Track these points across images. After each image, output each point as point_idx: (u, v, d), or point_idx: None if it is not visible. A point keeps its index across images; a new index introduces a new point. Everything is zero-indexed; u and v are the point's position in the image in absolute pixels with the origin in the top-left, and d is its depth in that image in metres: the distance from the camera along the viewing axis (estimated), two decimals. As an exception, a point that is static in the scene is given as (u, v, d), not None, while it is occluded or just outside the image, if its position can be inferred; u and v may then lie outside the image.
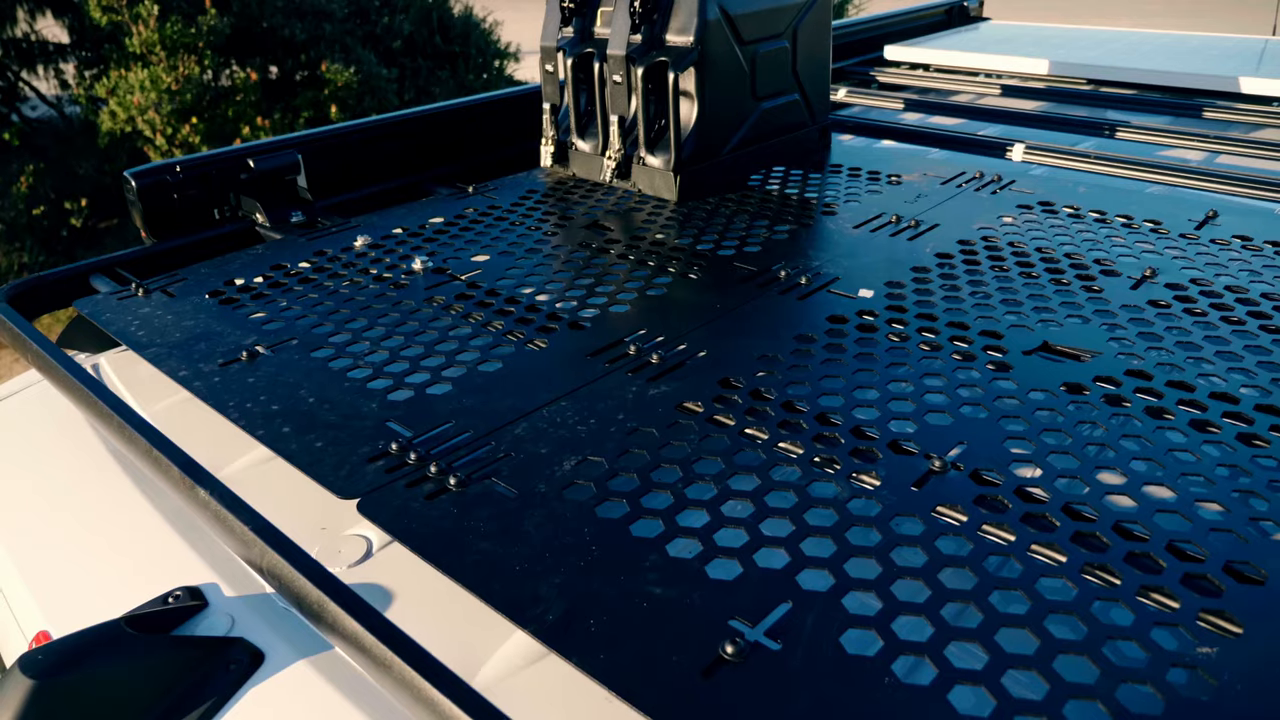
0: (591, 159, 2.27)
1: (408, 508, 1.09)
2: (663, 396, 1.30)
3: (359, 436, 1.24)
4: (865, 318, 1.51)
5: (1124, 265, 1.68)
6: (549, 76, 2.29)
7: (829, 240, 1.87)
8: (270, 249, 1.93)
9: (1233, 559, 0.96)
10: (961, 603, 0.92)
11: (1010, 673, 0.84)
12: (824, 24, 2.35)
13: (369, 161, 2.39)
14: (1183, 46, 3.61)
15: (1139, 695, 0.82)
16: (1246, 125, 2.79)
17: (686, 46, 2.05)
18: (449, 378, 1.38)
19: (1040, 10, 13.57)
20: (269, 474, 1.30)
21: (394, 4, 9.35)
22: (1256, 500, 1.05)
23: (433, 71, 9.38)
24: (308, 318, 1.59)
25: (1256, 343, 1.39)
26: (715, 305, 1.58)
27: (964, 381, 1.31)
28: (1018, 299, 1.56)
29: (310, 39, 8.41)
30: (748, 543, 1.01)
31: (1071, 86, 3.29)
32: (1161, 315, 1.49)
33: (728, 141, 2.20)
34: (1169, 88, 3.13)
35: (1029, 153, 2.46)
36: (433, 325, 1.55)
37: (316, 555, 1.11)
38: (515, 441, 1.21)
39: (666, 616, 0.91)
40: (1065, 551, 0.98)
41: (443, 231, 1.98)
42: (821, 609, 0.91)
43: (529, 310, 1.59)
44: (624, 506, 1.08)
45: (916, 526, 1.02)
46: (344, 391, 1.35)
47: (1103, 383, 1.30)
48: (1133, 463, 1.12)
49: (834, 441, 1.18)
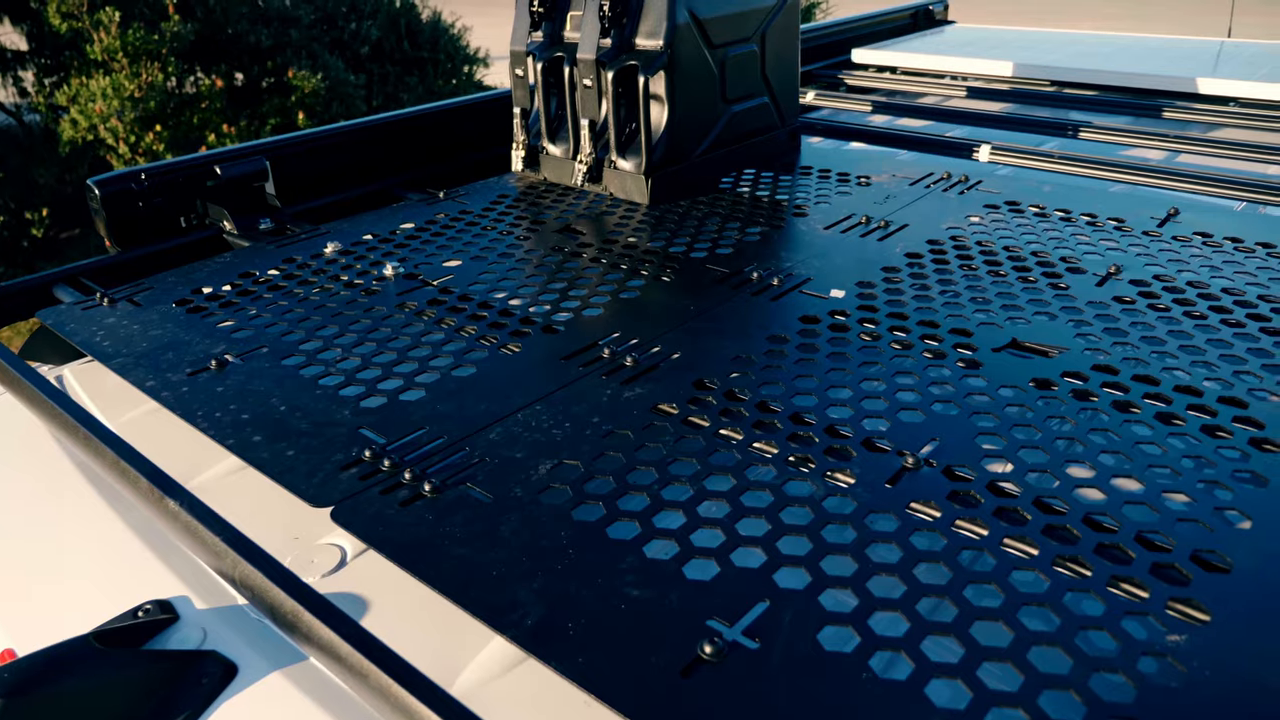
0: (563, 163, 2.27)
1: (382, 515, 1.08)
2: (637, 399, 1.30)
3: (332, 444, 1.23)
4: (837, 318, 1.52)
5: (1089, 263, 1.70)
6: (519, 81, 2.29)
7: (800, 241, 1.88)
8: (238, 256, 1.91)
9: (1199, 548, 0.97)
10: (936, 597, 0.93)
11: (985, 665, 0.85)
12: (792, 27, 2.37)
13: (338, 167, 2.37)
14: (1142, 48, 3.67)
15: (1111, 684, 0.83)
16: (1205, 125, 2.84)
17: (656, 50, 2.06)
18: (422, 383, 1.37)
19: (1004, 14, 13.76)
20: (240, 484, 1.28)
21: (361, 10, 9.30)
22: (1221, 490, 1.07)
23: (401, 77, 9.33)
24: (277, 325, 1.58)
25: (1219, 336, 1.41)
26: (689, 307, 1.58)
27: (935, 379, 1.32)
28: (986, 297, 1.58)
29: (276, 45, 8.34)
30: (724, 543, 1.01)
31: (1036, 88, 3.33)
32: (1126, 311, 1.51)
33: (698, 144, 2.20)
34: (1130, 89, 3.18)
35: (995, 153, 2.49)
36: (405, 331, 1.54)
37: (290, 565, 1.10)
38: (490, 446, 1.21)
39: (644, 618, 0.91)
40: (1037, 544, 0.99)
41: (414, 237, 1.97)
42: (799, 607, 0.92)
43: (502, 315, 1.58)
44: (600, 509, 1.07)
45: (891, 523, 1.03)
46: (316, 399, 1.34)
47: (1071, 378, 1.31)
48: (1101, 456, 1.13)
49: (808, 441, 1.19)
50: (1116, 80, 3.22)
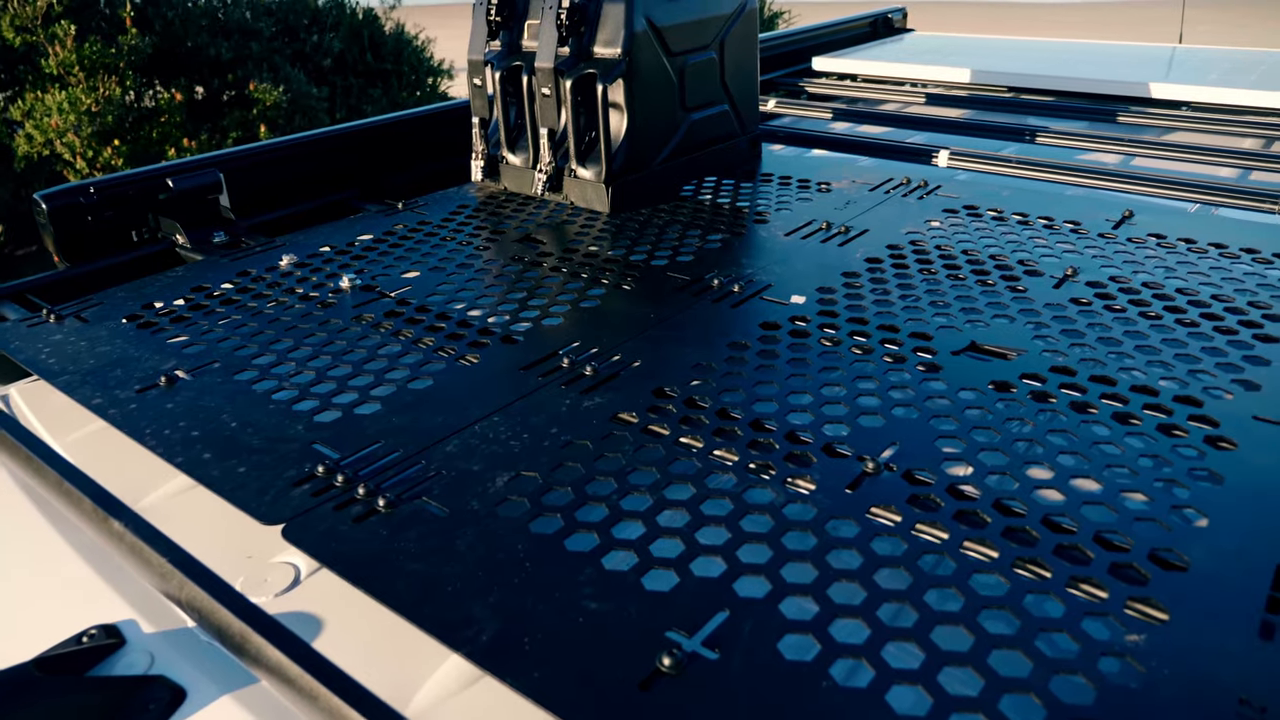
0: (523, 172, 2.25)
1: (335, 531, 1.06)
2: (597, 408, 1.29)
3: (284, 460, 1.20)
4: (798, 323, 1.52)
5: (1046, 265, 1.72)
6: (477, 90, 2.27)
7: (761, 248, 1.88)
8: (191, 270, 1.88)
9: (1157, 547, 0.98)
10: (897, 603, 0.92)
11: (946, 670, 0.85)
12: (751, 35, 2.37)
13: (295, 179, 2.34)
14: (1098, 54, 3.73)
15: (1071, 686, 0.82)
16: (1158, 129, 2.88)
17: (614, 58, 2.05)
18: (378, 396, 1.35)
19: (962, 22, 13.95)
20: (191, 503, 1.25)
21: (323, 22, 9.23)
22: (1178, 489, 1.07)
23: (364, 89, 9.27)
24: (230, 340, 1.55)
25: (1173, 336, 1.43)
26: (649, 315, 1.57)
27: (895, 383, 1.32)
28: (946, 301, 1.58)
29: (237, 58, 8.25)
30: (684, 552, 1.00)
31: (993, 94, 3.37)
32: (1083, 313, 1.52)
33: (659, 152, 2.20)
34: (1086, 94, 3.23)
35: (954, 159, 2.51)
36: (361, 344, 1.51)
37: (241, 585, 1.08)
38: (447, 459, 1.19)
39: (602, 631, 0.90)
40: (997, 547, 0.99)
41: (372, 249, 1.94)
42: (759, 616, 0.91)
43: (460, 325, 1.56)
44: (558, 521, 1.06)
45: (852, 529, 1.02)
46: (268, 414, 1.31)
47: (1029, 380, 1.32)
48: (1059, 457, 1.14)
49: (768, 447, 1.18)
50: (1073, 86, 3.26)
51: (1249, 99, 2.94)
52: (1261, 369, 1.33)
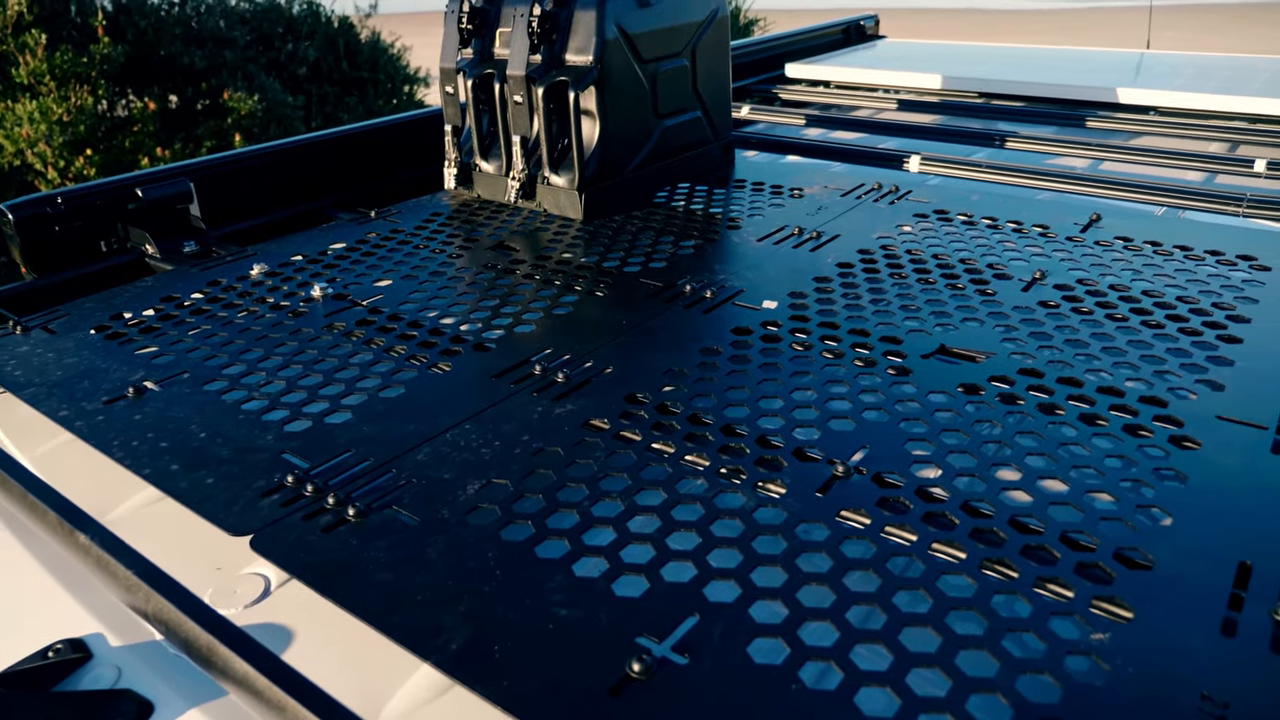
0: (495, 180, 2.25)
1: (304, 541, 1.05)
2: (569, 415, 1.29)
3: (253, 470, 1.19)
4: (769, 328, 1.53)
5: (1015, 269, 1.73)
6: (450, 98, 2.27)
7: (733, 254, 1.89)
8: (161, 281, 1.86)
9: (1122, 546, 0.99)
10: (867, 605, 0.93)
11: (915, 671, 0.85)
12: (723, 42, 2.39)
13: (267, 188, 2.33)
14: (1066, 60, 3.77)
15: (1038, 685, 0.83)
16: (1126, 133, 2.92)
17: (586, 66, 2.06)
18: (349, 405, 1.34)
19: (932, 29, 14.07)
20: (159, 515, 1.24)
21: (298, 30, 9.20)
22: (1144, 489, 1.09)
23: (340, 98, 9.24)
24: (200, 350, 1.54)
25: (1139, 338, 1.45)
26: (621, 322, 1.58)
27: (866, 387, 1.33)
28: (916, 305, 1.60)
29: (211, 67, 8.20)
30: (654, 558, 1.00)
31: (964, 100, 3.40)
32: (1051, 315, 1.54)
33: (631, 159, 2.20)
34: (1054, 99, 3.27)
35: (925, 164, 2.53)
36: (332, 353, 1.51)
37: (210, 597, 1.07)
38: (417, 468, 1.18)
39: (572, 638, 0.89)
40: (965, 548, 0.99)
41: (344, 257, 1.94)
42: (729, 620, 0.91)
43: (432, 334, 1.56)
44: (529, 528, 1.06)
45: (822, 532, 1.03)
46: (238, 424, 1.30)
47: (997, 382, 1.33)
48: (1027, 458, 1.15)
49: (739, 452, 1.18)
50: (1042, 91, 3.30)
51: (1215, 104, 2.98)
52: (1225, 369, 1.35)
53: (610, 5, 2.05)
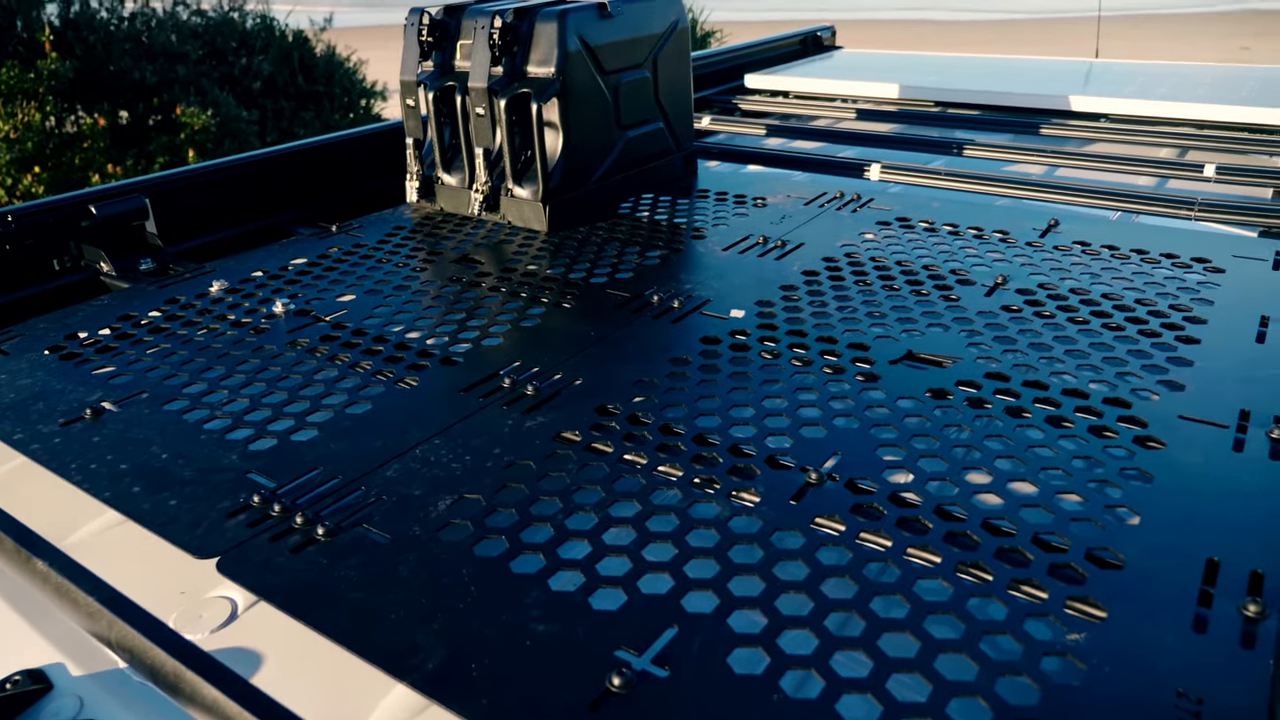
0: (458, 193, 2.24)
1: (272, 563, 1.03)
2: (540, 428, 1.28)
3: (218, 491, 1.17)
4: (738, 337, 1.53)
5: (978, 274, 1.76)
6: (410, 111, 2.26)
7: (699, 263, 1.89)
8: (117, 299, 1.82)
9: (1093, 546, 1.00)
10: (844, 612, 0.93)
11: (895, 677, 0.85)
12: (683, 53, 2.40)
13: (225, 204, 2.29)
14: (1019, 69, 3.84)
15: (1016, 687, 0.84)
16: (1079, 140, 2.98)
17: (548, 77, 2.05)
18: (315, 423, 1.32)
19: (887, 40, 14.28)
20: (120, 539, 1.21)
21: (252, 45, 9.10)
22: (1111, 489, 1.10)
23: (296, 112, 9.15)
24: (159, 369, 1.50)
25: (1101, 340, 1.47)
26: (590, 333, 1.57)
27: (835, 394, 1.33)
28: (882, 311, 1.61)
29: (162, 82, 8.08)
30: (631, 570, 0.99)
31: (921, 109, 3.45)
32: (1014, 319, 1.56)
33: (595, 170, 2.20)
34: (1010, 107, 3.32)
35: (885, 172, 2.56)
36: (296, 369, 1.48)
37: (175, 622, 1.04)
38: (387, 484, 1.16)
39: (550, 653, 0.88)
40: (939, 552, 1.00)
41: (305, 272, 1.91)
42: (708, 631, 0.91)
43: (398, 348, 1.54)
44: (503, 543, 1.04)
45: (797, 540, 1.03)
46: (200, 444, 1.27)
47: (965, 386, 1.34)
48: (997, 461, 1.16)
49: (712, 461, 1.18)
50: (997, 100, 3.36)
51: (1163, 110, 3.06)
52: (1185, 369, 1.37)
53: (572, 17, 2.05)
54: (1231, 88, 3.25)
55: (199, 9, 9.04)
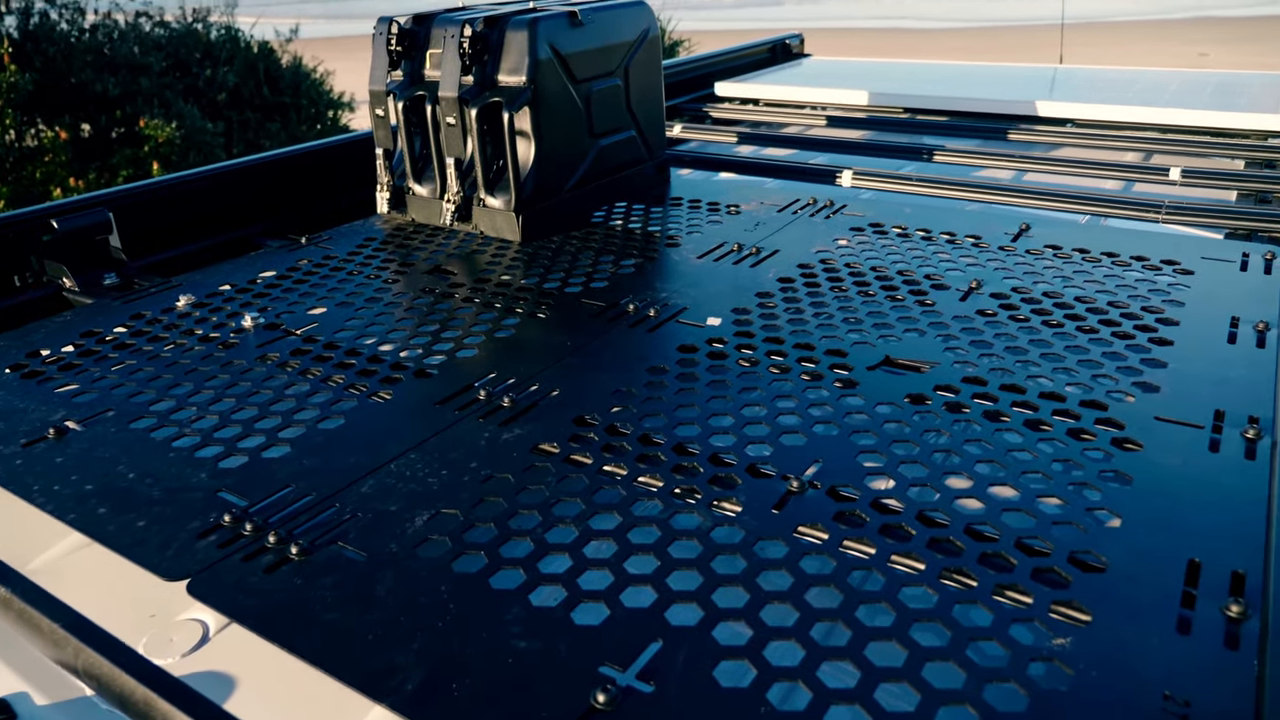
0: (430, 203, 2.22)
1: (244, 583, 1.00)
2: (517, 440, 1.26)
3: (187, 511, 1.14)
4: (715, 345, 1.52)
5: (952, 279, 1.76)
6: (380, 121, 2.23)
7: (674, 272, 1.88)
8: (80, 315, 1.78)
9: (1075, 549, 1.00)
10: (829, 621, 0.92)
11: (882, 686, 0.84)
12: (654, 61, 2.39)
13: (191, 217, 2.25)
14: (986, 75, 3.88)
15: (1004, 694, 0.83)
16: (1047, 145, 3.01)
17: (520, 86, 2.04)
18: (287, 439, 1.29)
19: (854, 47, 14.41)
20: (86, 563, 1.17)
21: (216, 56, 9.00)
22: (1090, 491, 1.10)
23: (262, 123, 9.06)
24: (125, 386, 1.47)
25: (1075, 343, 1.48)
26: (565, 343, 1.55)
27: (814, 401, 1.33)
28: (858, 317, 1.61)
29: (125, 94, 7.97)
30: (613, 583, 0.98)
31: (891, 115, 3.47)
32: (990, 323, 1.56)
33: (567, 179, 2.19)
34: (978, 113, 3.35)
35: (857, 178, 2.57)
36: (267, 385, 1.45)
37: (144, 647, 1.01)
38: (362, 501, 1.14)
39: (533, 670, 0.87)
40: (923, 559, 0.99)
41: (275, 286, 1.88)
42: (692, 644, 0.89)
43: (371, 361, 1.52)
44: (482, 559, 1.03)
45: (780, 549, 1.02)
46: (169, 463, 1.24)
47: (943, 391, 1.34)
48: (977, 466, 1.16)
49: (693, 471, 1.17)
50: (966, 106, 3.38)
51: (1128, 115, 3.09)
52: (1159, 371, 1.38)
53: (543, 25, 2.04)
54: (1193, 92, 3.30)
55: (162, 20, 8.94)
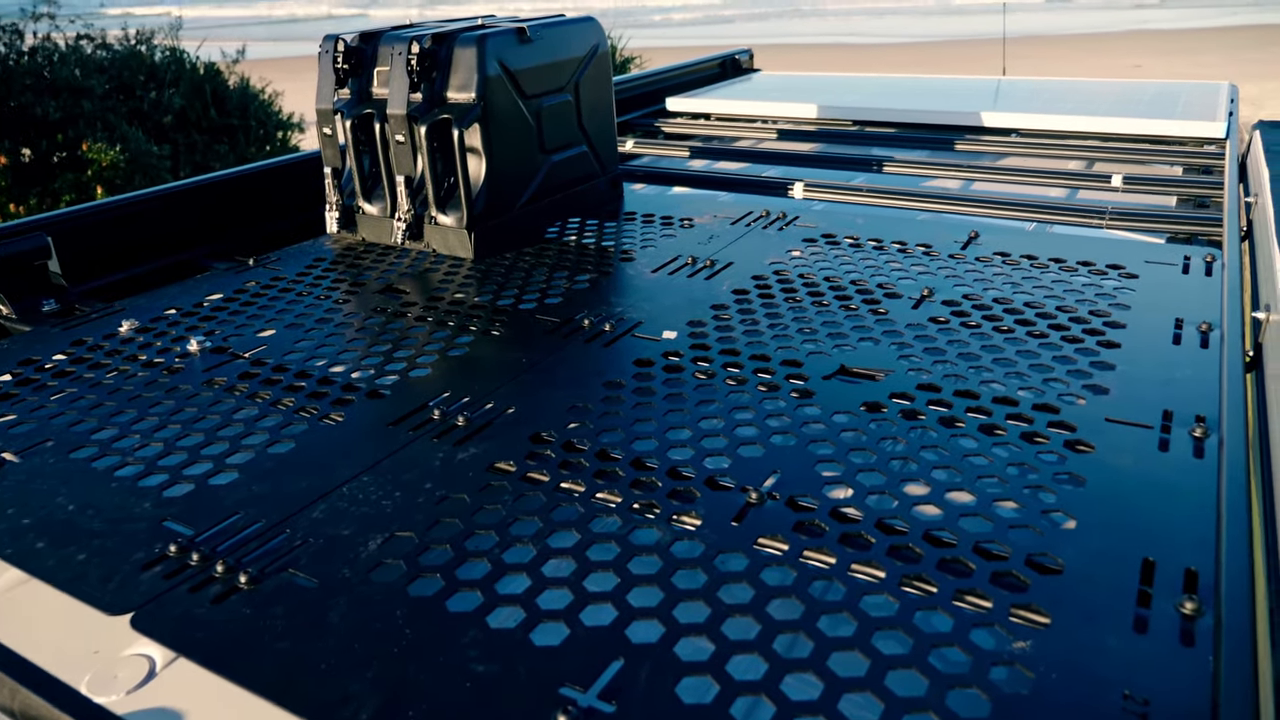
0: (381, 222, 2.19)
1: (191, 615, 0.97)
2: (472, 459, 1.24)
3: (131, 542, 1.10)
4: (671, 359, 1.51)
5: (904, 287, 1.78)
6: (328, 140, 2.20)
7: (629, 286, 1.87)
8: (17, 343, 1.73)
9: (1033, 552, 1.00)
10: (792, 633, 0.91)
11: (846, 697, 0.84)
12: (604, 77, 2.39)
13: (134, 240, 2.20)
14: (932, 88, 3.95)
15: (967, 699, 0.83)
16: (993, 154, 3.06)
17: (469, 103, 2.02)
18: (234, 464, 1.26)
19: (803, 62, 14.61)
20: (23, 599, 1.13)
21: (161, 78, 8.85)
22: (1045, 494, 1.11)
23: (210, 146, 8.91)
24: (65, 415, 1.42)
25: (1027, 348, 1.49)
26: (521, 360, 1.54)
27: (771, 411, 1.33)
28: (813, 327, 1.61)
29: (67, 117, 7.80)
30: (572, 602, 0.96)
31: (840, 128, 3.51)
32: (942, 330, 1.57)
33: (520, 195, 2.18)
34: (925, 124, 3.40)
35: (808, 190, 2.59)
36: (214, 410, 1.42)
37: (87, 685, 0.97)
38: (314, 526, 1.11)
39: (492, 694, 0.85)
40: (883, 567, 0.99)
41: (222, 308, 1.84)
42: (654, 661, 0.88)
43: (322, 383, 1.49)
44: (438, 581, 1.00)
45: (741, 562, 1.01)
46: (111, 493, 1.20)
47: (898, 399, 1.35)
48: (934, 472, 1.16)
49: (651, 486, 1.16)
50: (913, 118, 3.43)
51: (1071, 124, 3.16)
52: (1108, 373, 1.40)
53: (491, 41, 2.03)
54: (1130, 102, 3.39)
55: (104, 43, 8.77)
